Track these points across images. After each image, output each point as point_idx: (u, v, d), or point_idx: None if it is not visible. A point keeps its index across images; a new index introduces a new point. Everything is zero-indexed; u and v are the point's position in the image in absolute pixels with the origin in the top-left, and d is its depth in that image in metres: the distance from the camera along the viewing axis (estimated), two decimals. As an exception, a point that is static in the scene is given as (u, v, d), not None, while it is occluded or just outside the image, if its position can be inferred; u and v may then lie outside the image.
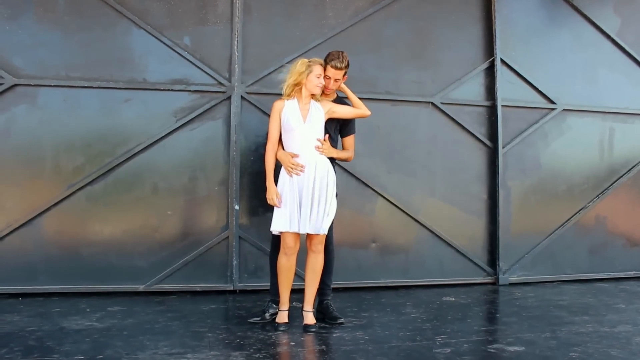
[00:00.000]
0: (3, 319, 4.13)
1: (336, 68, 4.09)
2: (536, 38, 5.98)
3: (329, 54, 4.15)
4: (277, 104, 4.08)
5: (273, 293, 4.22)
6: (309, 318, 4.02)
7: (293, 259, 4.04)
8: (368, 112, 4.24)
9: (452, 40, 5.74)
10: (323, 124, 4.09)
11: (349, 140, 4.35)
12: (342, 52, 4.14)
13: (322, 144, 4.05)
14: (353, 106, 4.24)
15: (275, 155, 4.08)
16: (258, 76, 5.26)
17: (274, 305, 4.16)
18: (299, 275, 4.47)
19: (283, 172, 4.04)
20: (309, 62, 4.05)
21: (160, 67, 5.13)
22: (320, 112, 4.07)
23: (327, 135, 4.13)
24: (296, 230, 3.97)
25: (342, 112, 4.19)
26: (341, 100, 4.34)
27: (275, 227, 4.00)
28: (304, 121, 4.02)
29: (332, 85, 4.14)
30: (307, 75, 4.01)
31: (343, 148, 4.35)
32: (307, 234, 4.02)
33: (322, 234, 3.99)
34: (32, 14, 4.94)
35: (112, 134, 5.05)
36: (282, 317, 4.06)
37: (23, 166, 4.91)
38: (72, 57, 5.00)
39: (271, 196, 4.02)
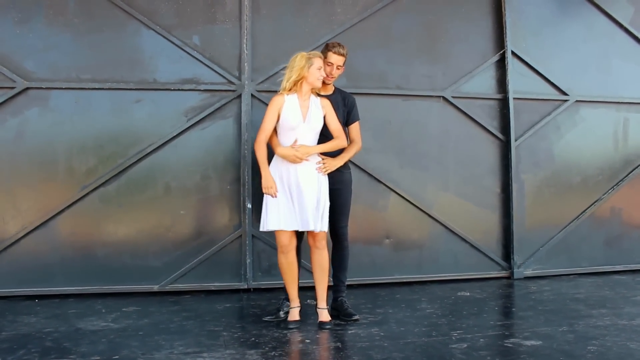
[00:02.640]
0: (20, 320, 4.16)
1: (338, 54, 4.17)
2: (547, 29, 5.92)
3: (327, 44, 4.27)
4: (277, 100, 4.03)
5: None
6: (324, 315, 4.01)
7: (291, 256, 4.03)
8: (344, 144, 4.17)
9: (462, 33, 5.70)
10: (322, 122, 4.06)
11: (354, 128, 4.31)
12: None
13: (323, 164, 4.03)
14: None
15: (272, 150, 4.06)
16: (268, 74, 5.25)
17: (288, 303, 4.15)
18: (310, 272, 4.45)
19: (273, 170, 4.02)
20: (309, 55, 4.04)
21: (170, 67, 5.14)
22: (320, 110, 4.06)
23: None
24: (292, 228, 3.94)
25: (330, 122, 4.11)
26: (340, 92, 4.32)
27: (266, 226, 3.97)
28: (304, 120, 3.99)
29: (335, 72, 4.17)
30: (309, 68, 3.99)
31: (349, 138, 4.29)
32: (309, 232, 4.01)
33: (324, 231, 3.98)
34: (42, 17, 4.96)
35: (124, 135, 5.06)
36: (293, 314, 4.05)
37: (37, 169, 4.94)
38: (83, 59, 5.02)
39: (268, 184, 3.97)
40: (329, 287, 4.15)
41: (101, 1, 5.04)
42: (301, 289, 4.20)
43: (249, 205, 5.13)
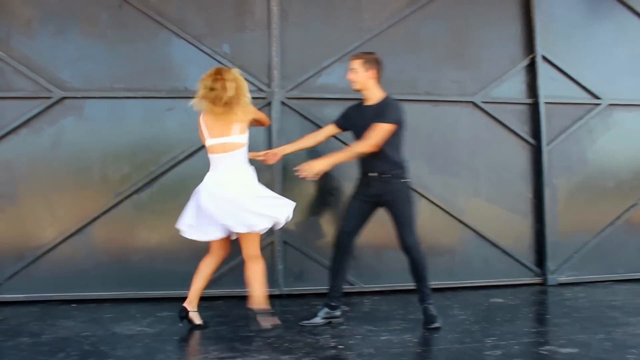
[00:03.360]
0: (59, 324, 4.25)
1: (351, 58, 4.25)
2: (578, 32, 5.86)
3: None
4: None
5: (329, 296, 4.24)
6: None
7: None
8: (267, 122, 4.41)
9: (491, 38, 5.67)
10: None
11: (372, 127, 4.09)
12: None
13: (301, 169, 4.04)
14: None
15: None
16: (297, 81, 5.29)
17: (327, 310, 4.17)
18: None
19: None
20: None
21: (201, 75, 5.14)
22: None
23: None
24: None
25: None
26: (384, 101, 4.24)
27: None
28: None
29: (350, 75, 4.20)
30: None
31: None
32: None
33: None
34: (77, 29, 5.10)
35: (157, 143, 5.15)
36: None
37: (72, 176, 5.06)
38: (116, 69, 5.13)
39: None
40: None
41: (133, 12, 5.15)
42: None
43: (280, 212, 5.15)
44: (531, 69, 5.71)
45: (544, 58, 5.69)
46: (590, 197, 5.78)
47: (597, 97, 5.81)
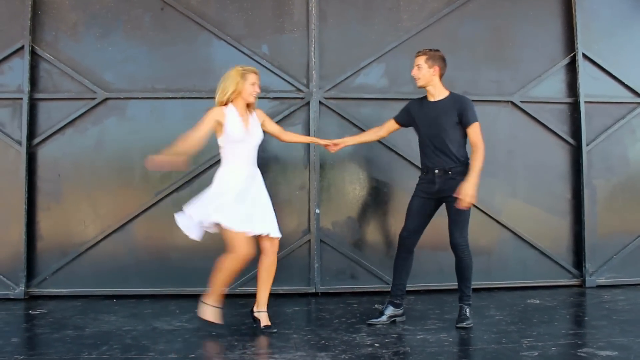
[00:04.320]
0: (101, 318, 4.39)
1: (416, 55, 4.27)
2: (621, 30, 5.75)
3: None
4: (216, 111, 4.04)
5: (393, 294, 4.26)
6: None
7: None
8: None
9: (530, 37, 5.61)
10: (262, 135, 4.13)
11: (471, 130, 4.18)
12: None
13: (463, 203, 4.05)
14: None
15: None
16: (335, 81, 5.33)
17: (392, 307, 4.22)
18: (380, 278, 4.46)
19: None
20: (243, 69, 4.05)
21: (241, 76, 5.28)
22: (258, 123, 4.14)
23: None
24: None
25: (270, 125, 4.28)
26: (453, 96, 4.25)
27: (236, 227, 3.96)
28: (248, 133, 4.04)
29: (414, 71, 4.23)
30: (243, 83, 4.01)
31: (471, 143, 4.19)
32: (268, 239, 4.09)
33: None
34: (121, 32, 5.24)
35: (196, 142, 5.24)
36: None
37: (115, 175, 5.21)
38: (158, 70, 5.26)
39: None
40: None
41: (175, 14, 5.27)
42: (369, 293, 4.22)
43: (317, 211, 5.21)
44: (571, 68, 5.63)
45: (585, 56, 5.60)
46: (631, 198, 5.67)
47: None
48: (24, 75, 5.12)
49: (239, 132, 4.02)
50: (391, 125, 4.46)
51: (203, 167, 5.20)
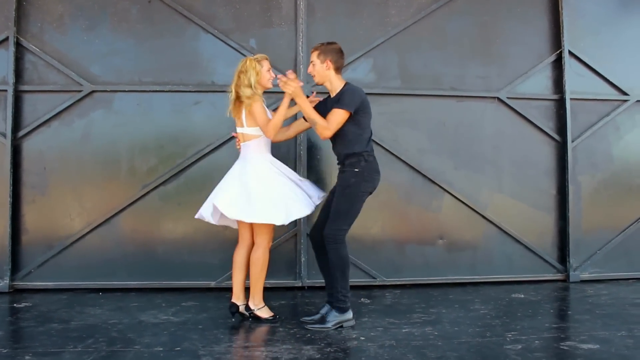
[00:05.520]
0: (87, 312, 4.37)
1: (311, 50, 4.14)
2: (606, 27, 5.80)
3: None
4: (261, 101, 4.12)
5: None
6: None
7: None
8: (269, 134, 4.10)
9: (517, 34, 5.64)
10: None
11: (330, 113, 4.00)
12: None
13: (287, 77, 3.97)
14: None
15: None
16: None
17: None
18: (367, 272, 4.47)
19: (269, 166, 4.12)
20: (256, 58, 4.13)
21: (228, 69, 5.20)
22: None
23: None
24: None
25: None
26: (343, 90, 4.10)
27: (291, 216, 4.04)
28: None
29: (309, 69, 4.14)
30: (261, 70, 4.09)
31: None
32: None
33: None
34: (107, 24, 5.21)
35: (183, 136, 5.24)
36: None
37: (101, 168, 5.19)
38: (145, 63, 5.23)
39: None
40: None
41: (162, 7, 5.25)
42: (355, 287, 4.22)
43: (304, 205, 5.21)
44: (558, 65, 5.67)
45: (571, 53, 5.65)
46: (615, 194, 5.73)
47: (624, 94, 5.75)
48: (9, 66, 5.08)
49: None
50: (300, 124, 4.37)
51: (190, 161, 5.19)
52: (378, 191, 4.22)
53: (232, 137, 5.18)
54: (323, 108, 4.12)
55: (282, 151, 5.26)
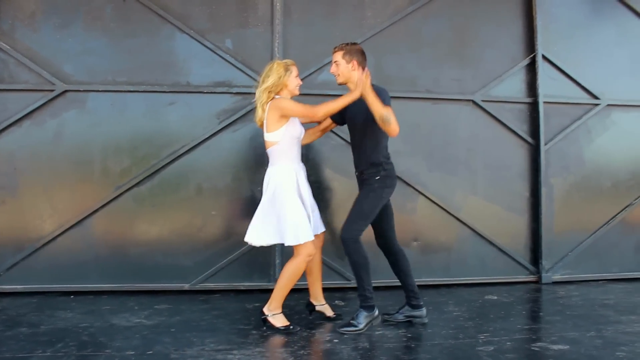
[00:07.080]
0: (57, 315, 4.31)
1: (333, 51, 4.14)
2: (579, 32, 5.88)
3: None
4: None
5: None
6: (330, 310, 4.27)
7: None
8: (318, 115, 4.05)
9: (492, 37, 5.70)
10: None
11: None
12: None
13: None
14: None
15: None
16: (299, 77, 5.30)
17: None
18: (341, 274, 4.48)
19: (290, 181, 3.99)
20: (285, 63, 4.08)
21: (203, 70, 5.25)
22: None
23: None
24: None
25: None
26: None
27: (306, 237, 3.92)
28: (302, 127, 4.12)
29: (332, 69, 4.12)
30: (288, 76, 4.04)
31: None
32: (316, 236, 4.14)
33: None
34: (81, 22, 5.13)
35: (158, 137, 5.19)
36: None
37: (73, 169, 5.10)
38: (119, 62, 5.16)
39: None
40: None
41: (137, 6, 5.19)
42: (329, 289, 4.24)
43: (279, 207, 5.19)
44: (531, 69, 5.74)
45: (544, 57, 5.72)
46: (587, 196, 5.82)
47: (596, 97, 5.84)
48: (-21, 65, 4.99)
49: (299, 126, 4.06)
50: (327, 123, 4.40)
51: (165, 162, 5.14)
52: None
53: (208, 138, 5.17)
54: (357, 109, 4.07)
55: (256, 152, 5.24)
